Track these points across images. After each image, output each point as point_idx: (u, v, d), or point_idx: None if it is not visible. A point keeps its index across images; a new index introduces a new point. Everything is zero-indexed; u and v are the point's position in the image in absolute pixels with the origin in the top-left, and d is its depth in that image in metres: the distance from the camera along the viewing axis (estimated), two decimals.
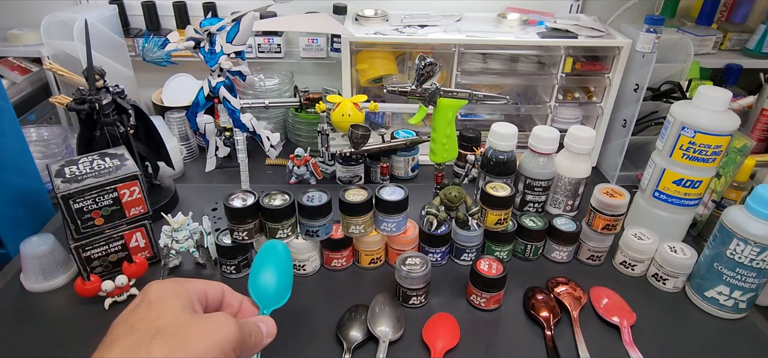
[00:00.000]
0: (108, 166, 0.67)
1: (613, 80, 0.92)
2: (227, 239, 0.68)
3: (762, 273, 0.61)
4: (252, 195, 0.65)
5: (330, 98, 0.87)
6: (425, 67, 0.67)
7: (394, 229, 0.69)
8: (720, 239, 0.63)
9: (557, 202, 0.84)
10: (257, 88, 1.07)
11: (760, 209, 0.59)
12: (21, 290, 0.68)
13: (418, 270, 0.64)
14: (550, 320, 0.63)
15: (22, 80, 0.97)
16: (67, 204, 0.62)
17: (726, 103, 0.66)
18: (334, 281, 0.71)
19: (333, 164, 0.96)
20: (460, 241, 0.72)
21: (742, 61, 1.07)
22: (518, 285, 0.69)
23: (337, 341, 0.60)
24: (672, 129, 0.70)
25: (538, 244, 0.74)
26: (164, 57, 0.79)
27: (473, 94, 0.71)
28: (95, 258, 0.68)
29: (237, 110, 0.80)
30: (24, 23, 1.04)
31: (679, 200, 0.73)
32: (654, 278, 0.71)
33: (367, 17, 0.97)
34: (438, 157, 0.75)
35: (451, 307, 0.66)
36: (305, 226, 0.67)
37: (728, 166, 0.77)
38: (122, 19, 1.07)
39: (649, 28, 0.83)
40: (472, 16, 1.03)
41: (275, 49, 1.11)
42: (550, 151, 0.77)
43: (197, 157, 1.05)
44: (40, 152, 0.89)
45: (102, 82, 0.73)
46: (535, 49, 0.94)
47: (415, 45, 0.94)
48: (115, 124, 0.75)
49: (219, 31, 0.74)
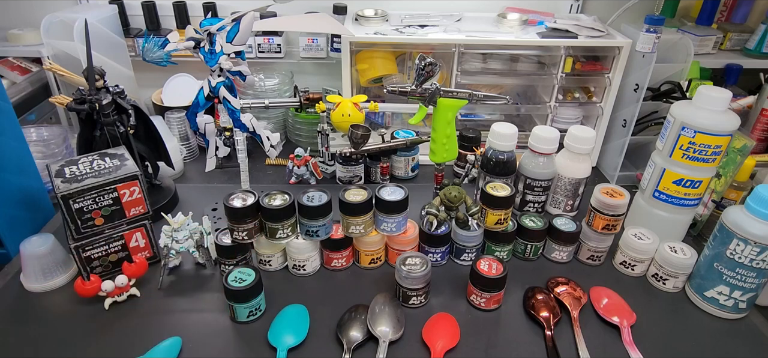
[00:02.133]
0: (108, 166, 0.67)
1: (613, 80, 0.92)
2: (227, 238, 0.68)
3: (762, 273, 0.61)
4: (252, 195, 0.65)
5: (330, 98, 0.87)
6: (425, 67, 0.67)
7: (394, 229, 0.69)
8: (720, 239, 0.63)
9: (557, 202, 0.84)
10: (257, 88, 1.07)
11: (760, 208, 0.59)
12: (21, 290, 0.68)
13: (418, 270, 0.64)
14: (550, 320, 0.63)
15: (22, 80, 0.97)
16: (67, 204, 0.62)
17: (726, 103, 0.66)
18: (334, 281, 0.71)
19: (333, 164, 0.96)
20: (460, 241, 0.72)
21: (742, 61, 1.07)
22: (518, 285, 0.69)
23: (337, 341, 0.60)
24: (672, 129, 0.70)
25: (538, 244, 0.74)
26: (164, 57, 0.79)
27: (473, 94, 0.71)
28: (95, 258, 0.68)
29: (237, 110, 0.80)
30: (24, 23, 1.04)
31: (679, 200, 0.73)
32: (654, 278, 0.71)
33: (367, 17, 0.97)
34: (438, 157, 0.75)
35: (451, 307, 0.66)
36: (305, 226, 0.67)
37: (728, 166, 0.77)
38: (122, 19, 1.07)
39: (649, 28, 0.83)
40: (472, 16, 1.03)
41: (275, 49, 1.11)
42: (550, 151, 0.77)
43: (197, 157, 1.05)
44: (40, 152, 0.88)
45: (102, 82, 0.73)
46: (535, 49, 0.94)
47: (415, 45, 0.94)
48: (115, 124, 0.75)
49: (219, 31, 0.74)
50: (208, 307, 0.65)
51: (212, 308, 0.65)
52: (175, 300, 0.67)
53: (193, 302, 0.66)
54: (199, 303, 0.66)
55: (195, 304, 0.66)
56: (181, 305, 0.66)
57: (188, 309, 0.65)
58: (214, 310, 0.65)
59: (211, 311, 0.65)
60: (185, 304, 0.66)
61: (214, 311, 0.65)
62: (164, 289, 0.68)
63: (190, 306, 0.66)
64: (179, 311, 0.65)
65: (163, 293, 0.68)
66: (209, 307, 0.65)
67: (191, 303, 0.66)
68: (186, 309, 0.65)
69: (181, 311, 0.65)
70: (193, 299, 0.67)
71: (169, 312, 0.65)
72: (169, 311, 0.65)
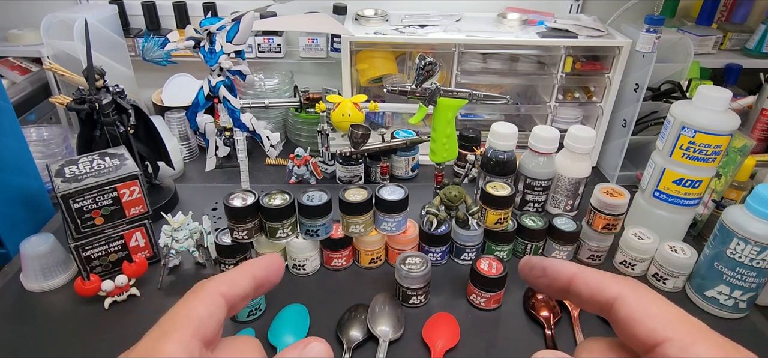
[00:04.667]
0: (108, 166, 0.67)
1: (613, 80, 0.92)
2: (227, 238, 0.67)
3: (762, 273, 0.61)
4: (252, 195, 0.65)
5: (330, 98, 0.87)
6: (425, 67, 0.67)
7: (394, 228, 0.69)
8: (720, 239, 0.63)
9: (557, 202, 0.84)
10: (257, 88, 1.07)
11: (760, 208, 0.59)
12: (21, 289, 0.68)
13: (418, 270, 0.64)
14: (550, 320, 0.63)
15: (22, 80, 0.97)
16: (67, 204, 0.62)
17: (726, 103, 0.66)
18: (334, 281, 0.71)
19: (333, 164, 0.96)
20: (460, 241, 0.72)
21: (742, 61, 1.07)
22: (518, 285, 0.69)
23: (337, 340, 0.60)
24: (672, 129, 0.70)
25: (538, 244, 0.74)
26: (164, 57, 0.79)
27: (473, 94, 0.71)
28: (95, 258, 0.68)
29: (237, 110, 0.80)
30: (24, 23, 1.04)
31: (679, 200, 0.73)
32: (654, 277, 0.71)
33: (367, 17, 0.97)
34: (438, 157, 0.75)
35: (451, 306, 0.66)
36: (305, 226, 0.67)
37: (728, 166, 0.77)
38: (122, 19, 1.07)
39: (649, 28, 0.83)
40: (472, 16, 1.03)
41: (275, 49, 1.11)
42: (550, 151, 0.77)
43: (197, 157, 1.05)
44: (40, 152, 0.88)
45: (102, 82, 0.73)
46: (535, 49, 0.94)
47: (415, 45, 0.94)
48: (115, 124, 0.75)
49: (219, 30, 0.74)
50: None
51: None
52: (175, 300, 0.65)
53: None
54: None
55: None
56: None
57: None
58: None
59: None
60: None
61: None
62: (164, 289, 0.68)
63: None
64: None
65: (163, 292, 0.68)
66: None
67: None
68: None
69: None
70: None
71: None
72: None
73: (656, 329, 0.20)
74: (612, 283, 0.23)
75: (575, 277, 0.25)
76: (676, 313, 0.21)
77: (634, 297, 0.22)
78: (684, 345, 0.19)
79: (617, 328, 0.22)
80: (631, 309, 0.21)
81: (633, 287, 0.22)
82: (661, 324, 0.20)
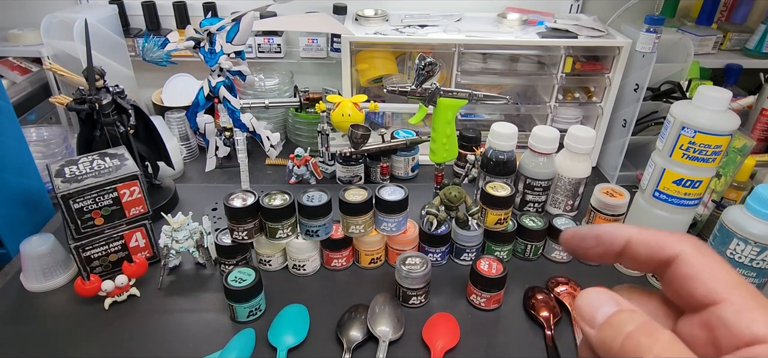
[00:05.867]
0: (108, 166, 0.67)
1: (613, 80, 0.92)
2: (227, 238, 0.67)
3: (762, 273, 0.61)
4: (252, 195, 0.65)
5: (330, 98, 0.87)
6: (425, 67, 0.67)
7: (394, 229, 0.69)
8: (720, 239, 0.63)
9: (557, 202, 0.84)
10: (257, 88, 1.07)
11: (760, 208, 0.59)
12: (21, 290, 0.68)
13: (418, 270, 0.64)
14: (550, 320, 0.63)
15: (22, 80, 0.97)
16: (67, 204, 0.62)
17: (726, 103, 0.66)
18: (334, 281, 0.71)
19: (333, 164, 0.96)
20: (460, 241, 0.72)
21: (742, 61, 1.07)
22: (518, 285, 0.69)
23: (337, 340, 0.60)
24: (672, 129, 0.70)
25: (538, 244, 0.74)
26: (164, 57, 0.79)
27: (473, 94, 0.71)
28: (95, 258, 0.68)
29: (237, 110, 0.80)
30: (24, 23, 1.04)
31: (679, 200, 0.73)
32: (654, 277, 0.71)
33: (367, 17, 0.97)
34: (438, 157, 0.75)
35: (451, 307, 0.66)
36: (305, 226, 0.67)
37: (728, 166, 0.77)
38: (122, 19, 1.07)
39: (649, 28, 0.83)
40: (472, 16, 1.03)
41: (275, 49, 1.11)
42: (550, 151, 0.77)
43: (197, 157, 1.05)
44: (40, 152, 0.88)
45: (102, 82, 0.73)
46: (535, 49, 0.94)
47: (415, 45, 0.94)
48: (115, 124, 0.75)
49: (219, 30, 0.74)
50: (208, 307, 0.65)
51: (212, 308, 0.65)
52: (175, 300, 0.67)
53: (193, 302, 0.66)
54: (199, 303, 0.66)
55: (195, 304, 0.66)
56: (181, 305, 0.66)
57: (188, 309, 0.65)
58: (214, 310, 0.65)
59: (211, 311, 0.65)
60: (185, 304, 0.66)
61: (214, 311, 0.65)
62: (164, 289, 0.68)
63: (190, 306, 0.66)
64: (179, 311, 0.65)
65: (163, 293, 0.68)
66: (209, 307, 0.65)
67: (191, 303, 0.66)
68: (186, 309, 0.65)
69: (181, 311, 0.65)
70: (193, 299, 0.67)
71: (169, 312, 0.65)
72: (169, 311, 0.65)
73: (716, 289, 0.20)
74: (673, 240, 0.22)
75: (632, 239, 0.24)
76: (735, 276, 0.21)
77: (696, 256, 0.21)
78: (739, 309, 0.19)
79: (672, 284, 0.22)
80: (693, 268, 0.21)
81: (694, 244, 0.22)
82: (721, 285, 0.20)
